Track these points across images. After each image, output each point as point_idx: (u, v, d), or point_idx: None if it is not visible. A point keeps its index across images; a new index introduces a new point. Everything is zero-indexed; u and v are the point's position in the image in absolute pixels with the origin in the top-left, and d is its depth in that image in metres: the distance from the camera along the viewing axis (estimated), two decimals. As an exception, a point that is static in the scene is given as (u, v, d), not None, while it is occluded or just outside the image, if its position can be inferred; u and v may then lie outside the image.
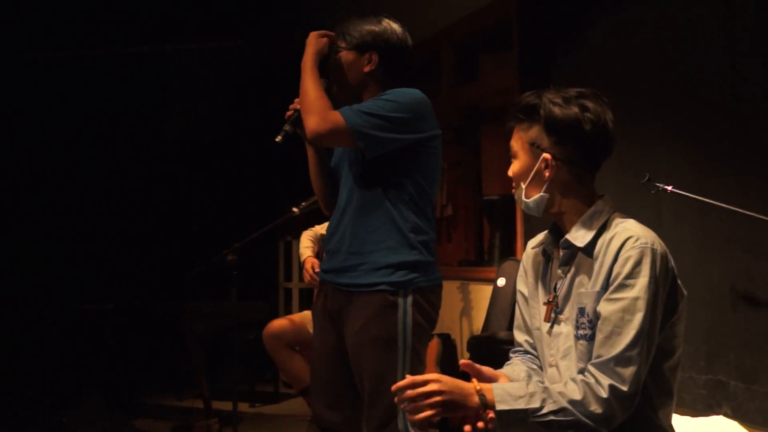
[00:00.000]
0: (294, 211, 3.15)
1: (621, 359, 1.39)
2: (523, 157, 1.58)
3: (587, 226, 1.54)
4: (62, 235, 6.45)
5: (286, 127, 2.14)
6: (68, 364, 5.33)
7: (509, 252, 4.38)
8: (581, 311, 1.51)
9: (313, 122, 2.04)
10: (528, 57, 4.01)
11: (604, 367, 1.41)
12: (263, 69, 7.11)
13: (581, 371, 1.47)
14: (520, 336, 1.73)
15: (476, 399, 1.39)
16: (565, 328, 1.55)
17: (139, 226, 6.73)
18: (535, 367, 1.68)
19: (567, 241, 1.56)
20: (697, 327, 2.86)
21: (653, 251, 1.43)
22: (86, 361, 5.28)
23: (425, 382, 1.40)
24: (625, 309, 1.41)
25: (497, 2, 4.29)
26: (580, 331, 1.50)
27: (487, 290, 4.09)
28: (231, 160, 7.31)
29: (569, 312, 1.55)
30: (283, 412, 4.61)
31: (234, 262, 3.13)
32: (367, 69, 2.17)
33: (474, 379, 1.46)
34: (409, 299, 2.09)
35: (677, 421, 2.37)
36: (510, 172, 1.63)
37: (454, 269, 4.79)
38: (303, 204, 3.16)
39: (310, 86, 2.09)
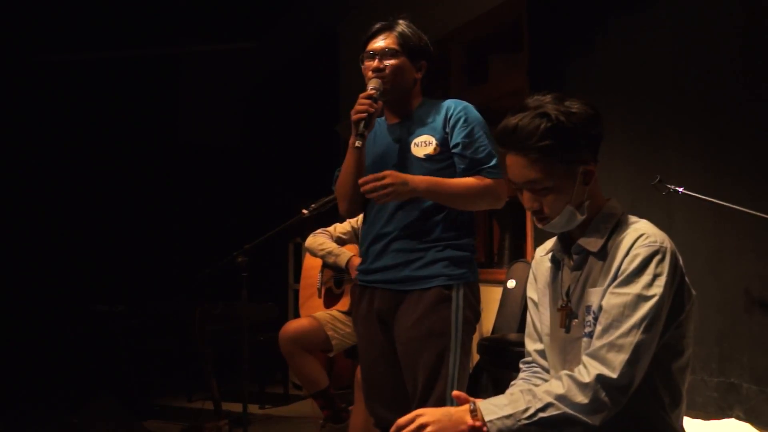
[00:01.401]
0: (304, 213, 3.14)
1: (613, 345, 1.39)
2: (560, 182, 1.49)
3: (599, 229, 1.53)
4: (74, 237, 6.49)
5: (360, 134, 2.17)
6: (79, 365, 5.36)
7: (519, 254, 4.37)
8: (587, 309, 1.50)
9: (492, 204, 2.18)
10: (538, 59, 3.99)
11: (595, 353, 1.40)
12: (275, 71, 7.13)
13: None
14: (530, 345, 1.71)
15: (469, 418, 1.39)
16: (580, 333, 1.54)
17: (150, 228, 6.77)
18: (539, 382, 1.65)
19: (579, 246, 1.55)
20: (709, 329, 2.84)
21: (663, 250, 1.43)
22: (97, 362, 5.30)
23: (411, 421, 1.41)
24: (627, 304, 1.41)
25: (507, 4, 4.28)
26: (586, 329, 1.50)
27: (497, 292, 4.08)
28: (242, 163, 7.34)
29: (583, 316, 1.54)
30: (293, 414, 4.61)
31: (244, 263, 3.12)
32: (418, 75, 2.28)
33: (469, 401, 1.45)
34: (461, 292, 2.16)
35: (689, 423, 2.36)
36: (538, 205, 1.52)
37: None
38: (313, 206, 3.15)
39: (446, 185, 2.13)
